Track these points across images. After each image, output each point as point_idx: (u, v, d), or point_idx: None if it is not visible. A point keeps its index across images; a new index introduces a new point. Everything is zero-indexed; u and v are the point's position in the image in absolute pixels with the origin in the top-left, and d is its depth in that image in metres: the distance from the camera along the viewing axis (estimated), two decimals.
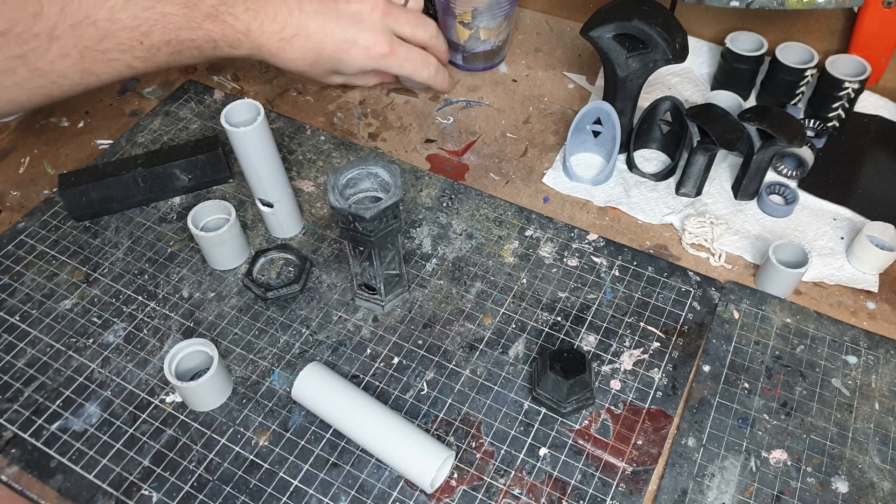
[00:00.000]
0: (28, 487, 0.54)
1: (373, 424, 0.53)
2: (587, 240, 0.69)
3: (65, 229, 0.70)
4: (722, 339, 0.62)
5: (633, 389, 0.59)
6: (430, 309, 0.64)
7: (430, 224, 0.70)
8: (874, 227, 0.65)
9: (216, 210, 0.66)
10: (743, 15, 0.84)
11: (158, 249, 0.69)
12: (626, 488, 0.54)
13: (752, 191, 0.71)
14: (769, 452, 0.55)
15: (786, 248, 0.63)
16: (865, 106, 0.79)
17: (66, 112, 0.84)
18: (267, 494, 0.53)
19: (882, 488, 0.53)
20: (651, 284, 0.65)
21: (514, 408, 0.58)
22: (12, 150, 0.80)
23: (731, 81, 0.79)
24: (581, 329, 0.63)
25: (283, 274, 0.67)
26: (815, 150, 0.75)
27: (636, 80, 0.69)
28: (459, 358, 0.61)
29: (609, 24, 0.66)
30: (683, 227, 0.70)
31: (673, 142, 0.75)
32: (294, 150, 0.78)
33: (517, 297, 0.65)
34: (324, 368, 0.57)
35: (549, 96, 0.84)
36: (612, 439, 0.56)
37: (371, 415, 0.54)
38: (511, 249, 0.68)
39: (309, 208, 0.72)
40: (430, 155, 0.78)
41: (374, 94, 0.84)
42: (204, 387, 0.55)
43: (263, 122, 0.59)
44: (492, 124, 0.81)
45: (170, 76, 0.88)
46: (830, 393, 0.58)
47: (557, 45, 0.90)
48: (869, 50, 0.77)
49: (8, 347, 0.62)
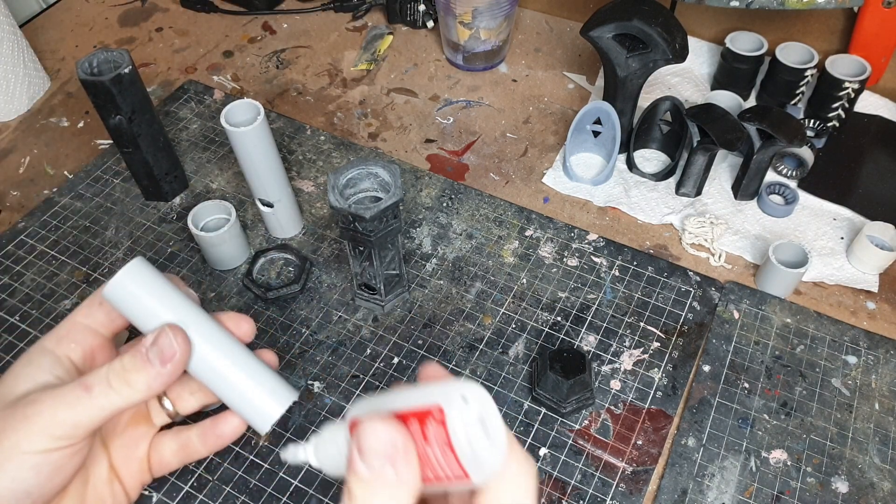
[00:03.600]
0: None
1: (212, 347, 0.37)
2: (587, 240, 0.69)
3: (65, 229, 0.70)
4: (722, 339, 0.62)
5: (633, 389, 0.59)
6: (430, 309, 0.64)
7: (430, 224, 0.70)
8: (874, 227, 0.65)
9: (216, 210, 0.66)
10: (743, 15, 0.84)
11: (158, 249, 0.69)
12: (626, 488, 0.54)
13: (752, 191, 0.71)
14: (769, 452, 0.55)
15: (786, 248, 0.63)
16: (865, 106, 0.79)
17: (66, 112, 0.84)
18: (267, 494, 0.53)
19: (882, 488, 0.53)
20: (651, 284, 0.65)
21: (514, 408, 0.58)
22: (12, 150, 0.80)
23: (731, 81, 0.79)
24: (581, 329, 0.63)
25: (283, 274, 0.67)
26: (815, 150, 0.75)
27: (636, 80, 0.69)
28: (459, 358, 0.61)
29: (609, 24, 0.66)
30: (683, 227, 0.70)
31: (673, 142, 0.75)
32: (294, 150, 0.78)
33: (517, 297, 0.65)
34: (150, 269, 0.37)
35: (549, 96, 0.84)
36: (612, 439, 0.56)
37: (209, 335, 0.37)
38: (511, 249, 0.68)
39: (309, 208, 0.72)
40: (430, 155, 0.78)
41: (375, 94, 0.85)
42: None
43: (263, 122, 0.59)
44: (492, 124, 0.81)
45: (170, 76, 0.88)
46: (830, 393, 0.58)
47: (557, 45, 0.90)
48: (869, 50, 0.77)
49: (8, 347, 0.62)
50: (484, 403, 0.28)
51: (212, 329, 0.37)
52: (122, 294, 0.35)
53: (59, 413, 0.32)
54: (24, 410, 0.32)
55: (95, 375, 0.33)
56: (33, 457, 0.32)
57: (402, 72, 0.87)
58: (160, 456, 0.39)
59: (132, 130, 0.65)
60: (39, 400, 0.32)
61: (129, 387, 0.33)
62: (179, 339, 0.34)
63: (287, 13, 0.96)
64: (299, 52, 0.90)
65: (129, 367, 0.33)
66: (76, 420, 0.33)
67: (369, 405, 0.31)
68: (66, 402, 0.32)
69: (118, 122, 0.64)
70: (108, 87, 0.61)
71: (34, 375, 0.34)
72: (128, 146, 0.67)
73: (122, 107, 0.63)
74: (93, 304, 0.37)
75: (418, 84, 0.86)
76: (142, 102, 0.65)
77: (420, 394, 0.29)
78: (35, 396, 0.33)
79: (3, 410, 0.33)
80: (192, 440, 0.39)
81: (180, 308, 0.36)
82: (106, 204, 0.73)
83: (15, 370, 0.35)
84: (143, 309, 0.35)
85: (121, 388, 0.33)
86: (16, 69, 0.81)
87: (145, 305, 0.35)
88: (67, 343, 0.36)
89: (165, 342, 0.34)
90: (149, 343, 0.34)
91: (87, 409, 0.33)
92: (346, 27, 0.94)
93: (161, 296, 0.36)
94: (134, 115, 0.65)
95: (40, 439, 0.32)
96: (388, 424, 0.28)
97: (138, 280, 0.35)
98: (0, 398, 0.34)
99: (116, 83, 0.61)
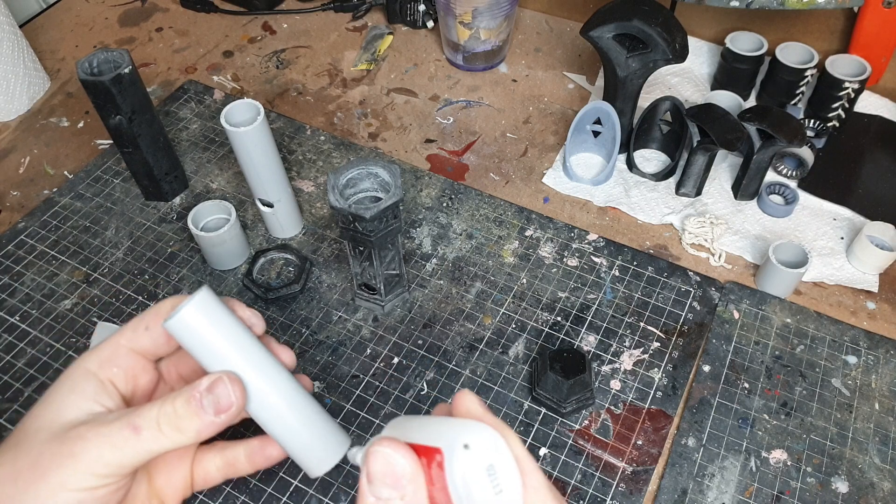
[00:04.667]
0: None
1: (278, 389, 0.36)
2: (587, 240, 0.69)
3: (65, 229, 0.70)
4: (722, 339, 0.62)
5: (633, 389, 0.59)
6: (430, 309, 0.64)
7: (430, 224, 0.70)
8: (874, 227, 0.65)
9: (216, 210, 0.66)
10: (743, 15, 0.84)
11: (158, 249, 0.69)
12: (626, 488, 0.54)
13: (752, 191, 0.71)
14: (769, 452, 0.55)
15: (786, 248, 0.63)
16: (865, 106, 0.79)
17: (66, 112, 0.84)
18: (267, 494, 0.53)
19: (882, 488, 0.53)
20: (651, 284, 0.65)
21: (514, 408, 0.58)
22: (12, 150, 0.80)
23: (731, 81, 0.79)
24: (581, 329, 0.63)
25: (283, 274, 0.67)
26: (815, 150, 0.75)
27: (636, 80, 0.69)
28: (459, 358, 0.61)
29: (609, 24, 0.66)
30: (683, 227, 0.70)
31: (673, 142, 0.75)
32: (294, 150, 0.78)
33: (517, 297, 0.65)
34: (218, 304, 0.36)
35: (549, 96, 0.84)
36: (612, 439, 0.56)
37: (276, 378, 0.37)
38: (511, 249, 0.68)
39: (309, 208, 0.72)
40: (430, 155, 0.78)
41: (375, 94, 0.85)
42: None
43: (263, 122, 0.59)
44: (492, 124, 0.81)
45: (170, 76, 0.88)
46: (830, 393, 0.58)
47: (557, 45, 0.90)
48: (869, 50, 0.77)
49: (8, 347, 0.62)
50: (496, 451, 0.27)
51: (271, 370, 0.36)
52: (184, 328, 0.34)
53: (105, 453, 0.32)
54: (72, 447, 0.32)
55: (145, 417, 0.33)
56: (79, 493, 0.32)
57: (402, 72, 0.87)
58: (205, 472, 0.39)
59: (132, 130, 0.65)
60: (87, 437, 0.32)
61: (180, 433, 0.33)
62: (237, 390, 0.33)
63: (287, 13, 0.96)
64: (299, 52, 0.90)
65: (181, 414, 0.33)
66: (122, 461, 0.32)
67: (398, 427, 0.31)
68: (112, 443, 0.32)
69: (118, 122, 0.64)
70: (108, 87, 0.61)
71: (80, 404, 0.34)
72: (128, 146, 0.67)
73: (122, 107, 0.63)
74: (138, 328, 0.36)
75: (418, 84, 0.86)
76: (142, 102, 0.65)
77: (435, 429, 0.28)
78: (83, 432, 0.32)
79: (51, 443, 0.32)
80: (238, 459, 0.39)
81: (242, 348, 0.35)
82: (106, 204, 0.73)
83: (59, 394, 0.34)
84: (204, 346, 0.34)
85: (171, 433, 0.33)
86: (16, 69, 0.81)
87: (208, 342, 0.34)
88: (110, 367, 0.36)
89: (223, 392, 0.33)
90: (203, 389, 0.33)
91: (134, 450, 0.32)
92: (346, 27, 0.94)
93: (225, 334, 0.34)
94: (134, 115, 0.65)
95: (86, 478, 0.32)
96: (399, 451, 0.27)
97: (203, 315, 0.34)
98: (46, 425, 0.33)
99: (116, 83, 0.61)
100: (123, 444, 0.32)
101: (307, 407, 0.37)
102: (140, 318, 0.37)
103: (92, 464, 0.32)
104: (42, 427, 0.33)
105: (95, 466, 0.32)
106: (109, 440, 0.32)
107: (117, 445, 0.32)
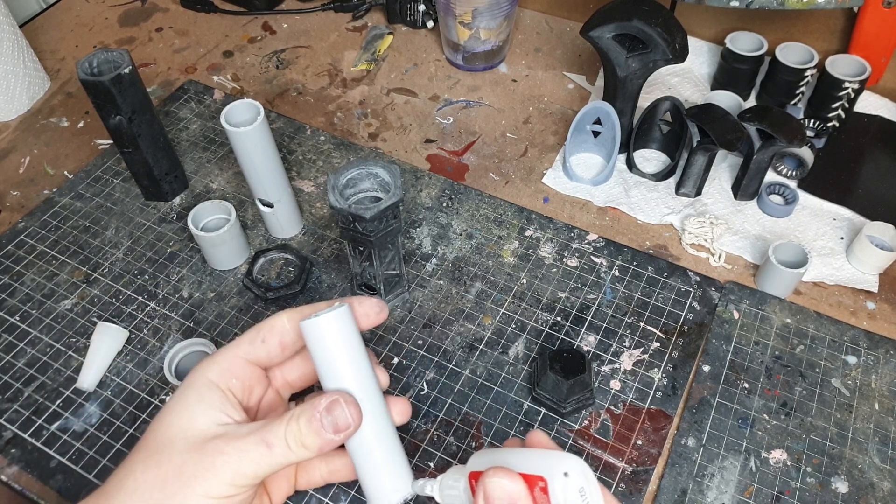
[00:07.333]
0: (28, 487, 0.54)
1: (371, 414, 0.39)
2: (587, 240, 0.69)
3: (65, 229, 0.70)
4: (722, 339, 0.62)
5: (633, 389, 0.59)
6: (430, 309, 0.64)
7: (430, 224, 0.70)
8: (874, 227, 0.65)
9: (216, 210, 0.66)
10: (743, 15, 0.84)
11: (158, 249, 0.69)
12: (626, 488, 0.54)
13: (752, 191, 0.71)
14: (769, 452, 0.55)
15: (786, 248, 0.63)
16: (865, 106, 0.79)
17: (66, 112, 0.84)
18: None
19: (882, 488, 0.53)
20: (651, 284, 0.65)
21: (514, 408, 0.58)
22: (12, 150, 0.80)
23: (731, 81, 0.79)
24: (581, 329, 0.63)
25: (283, 274, 0.67)
26: (815, 150, 0.75)
27: (636, 80, 0.69)
28: (459, 358, 0.61)
29: (609, 24, 0.66)
30: (683, 227, 0.70)
31: (673, 142, 0.75)
32: (294, 150, 0.78)
33: (517, 297, 0.65)
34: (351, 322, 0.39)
35: (549, 96, 0.84)
36: (611, 439, 0.56)
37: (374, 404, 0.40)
38: (511, 249, 0.68)
39: (309, 208, 0.72)
40: (430, 155, 0.78)
41: (375, 94, 0.85)
42: None
43: (263, 122, 0.59)
44: (492, 124, 0.81)
45: (170, 76, 0.88)
46: (830, 393, 0.58)
47: (557, 45, 0.90)
48: (869, 50, 0.77)
49: (8, 347, 0.62)
50: (585, 476, 0.32)
51: (377, 402, 0.39)
52: (318, 333, 0.37)
53: (242, 467, 0.36)
54: (213, 460, 0.36)
55: (275, 434, 0.36)
56: (218, 501, 0.36)
57: (402, 72, 0.87)
58: (308, 476, 0.44)
59: (132, 130, 0.65)
60: (226, 451, 0.36)
61: (305, 449, 0.37)
62: (354, 413, 0.37)
63: (287, 13, 0.96)
64: (299, 52, 0.90)
65: (305, 433, 0.36)
66: (257, 473, 0.36)
67: (489, 458, 0.35)
68: (249, 458, 0.36)
69: (118, 122, 0.64)
70: (108, 87, 0.61)
71: (208, 413, 0.38)
72: (128, 146, 0.67)
73: (122, 107, 0.63)
74: (255, 339, 0.40)
75: (418, 84, 0.86)
76: (142, 102, 0.65)
77: (531, 459, 0.33)
78: (220, 446, 0.36)
79: (191, 453, 0.36)
80: (341, 470, 0.44)
81: (360, 370, 0.38)
82: (106, 204, 0.73)
83: (187, 404, 0.38)
84: (329, 355, 0.38)
85: (297, 449, 0.36)
86: (16, 69, 0.81)
87: (333, 353, 0.38)
88: (230, 377, 0.39)
89: (340, 415, 0.37)
90: (322, 409, 0.36)
91: (267, 464, 0.36)
92: (346, 27, 0.94)
93: (349, 351, 0.38)
94: (134, 115, 0.65)
95: (226, 488, 0.36)
96: (513, 479, 0.32)
97: (339, 326, 0.37)
98: (182, 434, 0.37)
99: (116, 83, 0.62)
100: (259, 458, 0.36)
101: (390, 441, 0.40)
102: (256, 331, 0.40)
103: (232, 476, 0.36)
104: (177, 436, 0.37)
105: (235, 478, 0.36)
106: (247, 455, 0.36)
107: (253, 460, 0.36)
